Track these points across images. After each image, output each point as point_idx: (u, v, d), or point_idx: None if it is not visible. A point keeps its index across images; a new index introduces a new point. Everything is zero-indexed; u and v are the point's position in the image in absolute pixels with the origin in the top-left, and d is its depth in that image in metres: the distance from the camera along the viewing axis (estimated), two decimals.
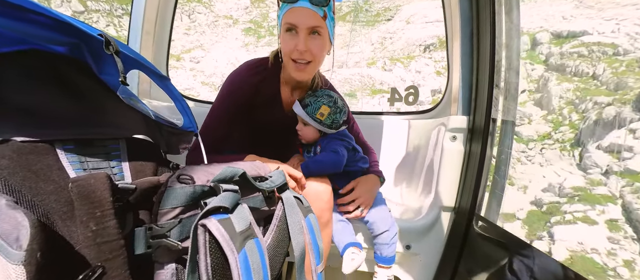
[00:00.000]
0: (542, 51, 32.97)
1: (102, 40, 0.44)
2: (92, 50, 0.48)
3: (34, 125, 0.47)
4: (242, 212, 0.44)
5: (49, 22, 0.40)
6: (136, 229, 0.37)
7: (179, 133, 0.74)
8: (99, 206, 0.36)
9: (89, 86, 0.54)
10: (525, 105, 28.81)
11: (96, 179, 0.37)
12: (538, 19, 38.00)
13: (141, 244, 0.37)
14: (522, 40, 32.52)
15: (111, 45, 0.45)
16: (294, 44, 0.84)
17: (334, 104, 0.96)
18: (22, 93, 0.46)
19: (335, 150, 0.95)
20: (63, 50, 0.48)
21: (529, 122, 27.17)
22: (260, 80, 0.97)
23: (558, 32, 33.26)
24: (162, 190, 0.41)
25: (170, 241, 0.39)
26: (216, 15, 46.62)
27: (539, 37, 34.44)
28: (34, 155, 0.45)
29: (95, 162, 0.56)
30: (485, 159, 1.09)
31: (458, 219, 1.18)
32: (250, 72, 0.97)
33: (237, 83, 0.96)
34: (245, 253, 0.40)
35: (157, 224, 0.39)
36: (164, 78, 0.60)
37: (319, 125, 0.96)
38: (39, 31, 0.41)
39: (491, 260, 1.02)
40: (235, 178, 0.49)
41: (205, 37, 42.88)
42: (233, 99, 0.95)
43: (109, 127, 0.60)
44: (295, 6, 0.81)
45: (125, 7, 38.47)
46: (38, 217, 0.41)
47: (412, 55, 36.31)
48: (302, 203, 0.60)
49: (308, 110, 0.95)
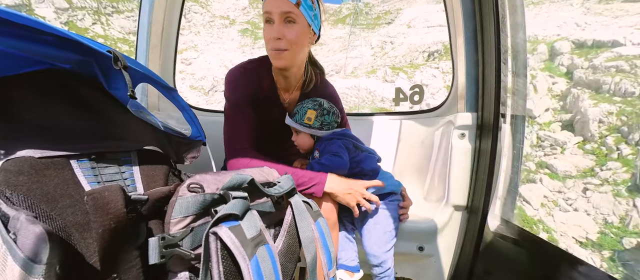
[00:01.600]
0: (563, 62, 26.87)
1: (111, 56, 0.46)
2: (101, 66, 0.50)
3: (50, 141, 0.49)
4: (252, 218, 0.45)
5: (59, 42, 0.41)
6: (150, 239, 0.37)
7: (188, 143, 0.75)
8: (113, 218, 0.37)
9: (101, 101, 0.56)
10: (550, 127, 22.52)
11: (110, 191, 0.38)
12: (551, 26, 33.27)
13: (155, 254, 0.37)
14: (539, 50, 28.27)
15: (119, 61, 0.46)
16: (271, 33, 0.86)
17: (319, 106, 0.99)
18: (38, 111, 0.48)
19: (335, 153, 0.95)
20: (75, 68, 0.50)
21: (562, 150, 20.24)
22: (258, 77, 0.99)
23: (581, 41, 27.96)
24: (173, 200, 0.41)
25: (182, 250, 0.40)
26: (212, 15, 45.82)
27: (558, 47, 28.42)
28: (51, 171, 0.47)
29: (108, 175, 0.57)
30: (495, 155, 1.07)
31: (471, 218, 1.15)
32: (247, 69, 0.98)
33: (240, 80, 0.97)
34: (257, 259, 0.41)
35: (169, 233, 0.39)
36: (171, 89, 0.62)
37: (309, 129, 0.99)
38: (50, 50, 0.42)
39: (509, 260, 0.99)
40: (244, 185, 0.49)
41: (200, 38, 40.49)
42: (243, 94, 0.96)
43: (121, 140, 0.62)
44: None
45: (116, 5, 35.60)
46: (56, 231, 0.42)
47: (415, 63, 32.85)
48: (311, 207, 0.60)
49: (296, 119, 1.00)
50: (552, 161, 19.61)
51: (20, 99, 0.46)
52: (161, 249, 0.37)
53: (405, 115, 1.63)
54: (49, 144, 0.48)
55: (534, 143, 22.46)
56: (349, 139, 1.01)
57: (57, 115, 0.50)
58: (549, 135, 21.32)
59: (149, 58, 1.43)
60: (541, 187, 18.53)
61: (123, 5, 37.09)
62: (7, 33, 0.38)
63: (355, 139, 1.05)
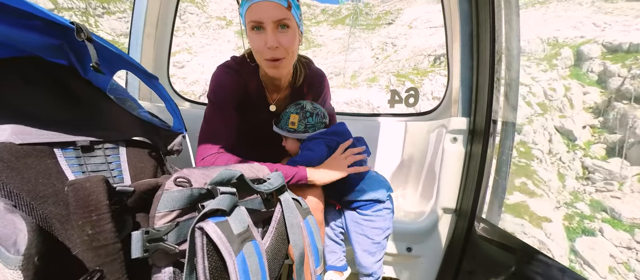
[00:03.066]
0: (593, 69, 22.74)
1: (73, 28, 0.44)
2: (74, 50, 0.48)
3: (32, 127, 0.48)
4: (239, 214, 0.44)
5: (24, 19, 0.40)
6: (133, 232, 0.37)
7: (172, 134, 0.74)
8: (95, 210, 0.36)
9: (87, 91, 0.54)
10: (591, 149, 17.51)
11: (92, 182, 0.37)
12: (566, 27, 28.63)
13: (138, 248, 0.37)
14: (564, 54, 24.66)
15: (83, 32, 0.44)
16: (263, 42, 0.78)
17: (301, 109, 0.98)
18: (20, 97, 0.47)
19: (310, 148, 0.94)
20: (50, 57, 0.48)
21: (619, 186, 14.63)
22: (243, 78, 0.94)
23: (614, 45, 23.22)
24: (159, 194, 0.41)
25: (167, 245, 0.39)
26: (209, 16, 44.34)
27: (586, 51, 23.94)
28: (33, 158, 0.46)
29: (94, 165, 0.56)
30: (486, 160, 1.09)
31: (459, 221, 1.17)
32: (232, 71, 0.93)
33: (224, 81, 0.91)
34: (244, 256, 0.40)
35: (153, 227, 0.39)
36: (151, 77, 0.60)
37: (293, 134, 0.98)
38: (19, 32, 0.41)
39: (493, 262, 1.01)
40: (233, 180, 0.48)
41: (194, 40, 38.49)
42: (227, 96, 0.91)
43: (108, 130, 0.61)
44: (257, 1, 0.74)
45: (106, 5, 33.58)
46: (37, 221, 0.41)
47: (421, 69, 29.49)
48: (300, 205, 0.60)
49: (281, 125, 0.99)
50: (611, 202, 13.91)
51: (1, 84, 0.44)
52: (144, 242, 0.37)
53: (399, 117, 1.64)
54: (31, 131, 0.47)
55: (579, 174, 17.08)
56: (332, 137, 0.98)
57: (40, 102, 0.49)
58: (600, 165, 15.88)
59: (143, 48, 1.40)
60: (604, 241, 12.86)
61: (114, 5, 35.02)
62: None
63: (343, 136, 1.01)
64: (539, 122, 21.13)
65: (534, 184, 17.21)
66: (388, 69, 31.25)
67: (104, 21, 32.76)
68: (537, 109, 22.36)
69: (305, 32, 49.23)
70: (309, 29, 57.59)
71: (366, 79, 28.89)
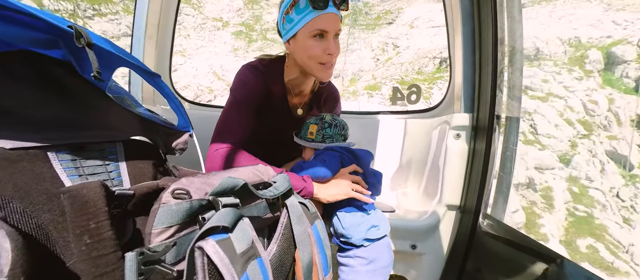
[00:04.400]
0: (629, 73, 19.33)
1: (72, 32, 0.41)
2: (70, 47, 0.45)
3: (23, 130, 0.45)
4: (243, 228, 0.41)
5: (18, 18, 0.37)
6: (126, 254, 0.33)
7: (176, 133, 0.71)
8: (93, 217, 0.34)
9: (81, 88, 0.52)
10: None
11: (89, 189, 0.35)
12: (583, 26, 24.10)
13: (132, 272, 0.33)
14: (592, 57, 19.61)
15: (83, 38, 0.41)
16: (323, 48, 0.86)
17: (320, 120, 0.99)
18: (7, 96, 0.44)
19: (324, 159, 0.90)
20: (44, 50, 0.45)
21: None
22: (270, 81, 0.96)
23: None
24: (155, 208, 0.37)
25: (163, 267, 0.36)
26: (205, 17, 42.84)
27: (619, 53, 20.26)
28: (25, 163, 0.43)
29: (91, 168, 0.53)
30: (490, 156, 1.08)
31: (464, 217, 1.16)
32: (258, 72, 0.95)
33: (251, 82, 0.93)
34: (248, 277, 0.37)
35: (149, 247, 0.35)
36: (154, 75, 0.57)
37: (311, 143, 0.98)
38: (11, 28, 0.38)
39: (499, 258, 1.01)
40: (236, 189, 0.46)
41: (189, 42, 35.79)
42: (250, 96, 0.92)
43: (105, 130, 0.58)
44: (326, 12, 0.83)
45: (97, 7, 31.08)
46: (31, 230, 0.38)
47: (427, 73, 25.46)
48: (308, 209, 0.58)
49: (301, 135, 1.01)
50: None
51: None
52: (139, 265, 0.34)
53: (402, 114, 1.63)
54: (23, 133, 0.44)
55: None
56: (349, 156, 0.93)
57: (31, 101, 0.46)
58: None
59: (145, 49, 1.37)
60: None
61: (106, 7, 32.90)
62: None
63: (360, 161, 0.94)
64: (585, 145, 16.91)
65: (609, 251, 12.24)
66: (390, 74, 27.59)
67: (94, 23, 30.46)
68: (580, 129, 17.87)
69: None
70: None
71: (366, 86, 26.21)
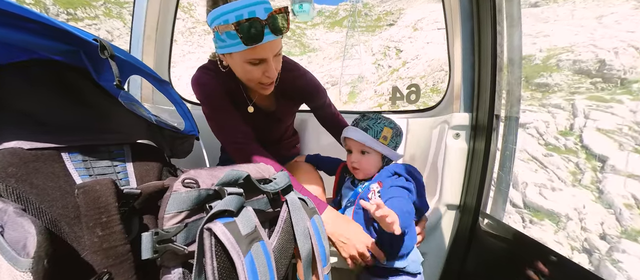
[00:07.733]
0: None
1: (97, 44, 0.44)
2: (90, 56, 0.48)
3: (40, 132, 0.48)
4: (247, 215, 0.44)
5: (45, 30, 0.40)
6: (143, 234, 0.37)
7: (181, 137, 0.74)
8: (105, 212, 0.37)
9: (93, 93, 0.55)
10: None
11: (101, 185, 0.37)
12: (600, 29, 20.50)
13: (148, 249, 0.37)
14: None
15: (106, 50, 0.45)
16: (262, 72, 0.79)
17: (394, 126, 0.86)
18: (26, 100, 0.47)
19: (409, 202, 0.73)
20: (64, 58, 0.48)
21: None
22: (222, 80, 0.93)
23: None
24: (167, 195, 0.41)
25: (176, 245, 0.39)
26: (195, 21, 41.77)
27: None
28: (41, 162, 0.46)
29: (100, 168, 0.56)
30: (489, 155, 1.08)
31: (463, 217, 1.17)
32: (212, 72, 0.92)
33: (209, 82, 0.90)
34: (252, 256, 0.40)
35: (163, 228, 0.39)
36: (164, 82, 0.61)
37: (384, 149, 0.82)
38: (36, 40, 0.41)
39: (498, 258, 1.01)
40: (240, 181, 0.49)
41: (176, 47, 33.10)
42: (217, 93, 0.90)
43: (113, 133, 0.61)
44: (262, 44, 0.73)
45: (72, 11, 28.49)
46: (45, 224, 0.41)
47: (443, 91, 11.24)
48: (307, 204, 0.60)
49: (371, 134, 0.83)
50: None
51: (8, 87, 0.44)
52: (154, 244, 0.37)
53: (401, 114, 1.64)
54: (39, 135, 0.47)
55: None
56: (415, 182, 0.79)
57: (47, 105, 0.49)
58: None
59: (144, 50, 1.40)
60: None
61: (83, 11, 30.48)
62: None
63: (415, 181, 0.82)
64: None
65: None
66: None
67: (85, 27, 28.19)
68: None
69: (300, 35, 44.08)
70: (304, 32, 54.55)
71: (369, 104, 19.60)
